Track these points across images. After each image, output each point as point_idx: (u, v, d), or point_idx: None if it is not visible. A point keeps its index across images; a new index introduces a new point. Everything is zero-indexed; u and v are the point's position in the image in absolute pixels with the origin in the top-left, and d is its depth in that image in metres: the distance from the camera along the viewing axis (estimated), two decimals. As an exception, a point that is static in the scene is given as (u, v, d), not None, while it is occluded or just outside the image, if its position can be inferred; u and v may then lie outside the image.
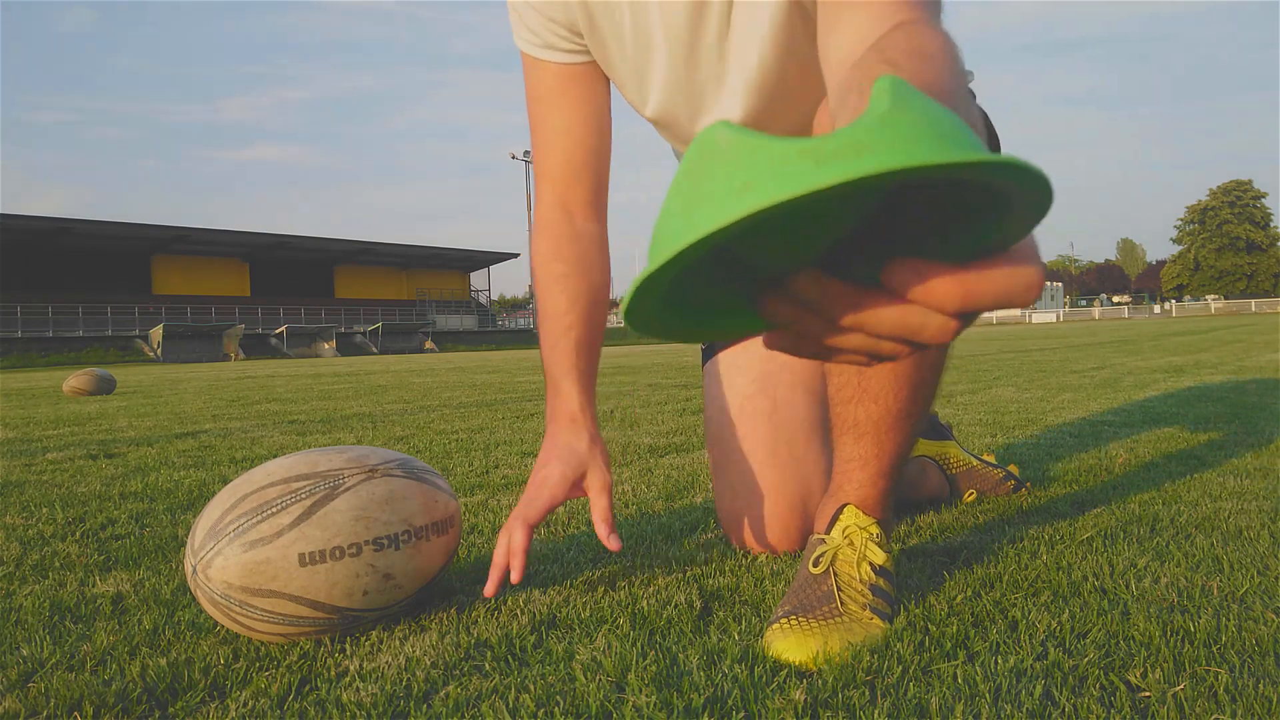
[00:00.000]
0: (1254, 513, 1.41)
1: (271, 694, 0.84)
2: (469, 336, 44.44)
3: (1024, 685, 0.79)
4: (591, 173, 1.20)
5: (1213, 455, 1.99)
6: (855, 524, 0.99)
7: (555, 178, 1.20)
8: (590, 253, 1.21)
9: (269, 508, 0.96)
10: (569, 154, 1.19)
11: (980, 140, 0.36)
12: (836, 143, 0.32)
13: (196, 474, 2.35)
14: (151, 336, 33.08)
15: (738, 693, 0.79)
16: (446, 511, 1.08)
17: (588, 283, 1.19)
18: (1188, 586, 1.05)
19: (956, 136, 0.34)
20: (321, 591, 0.95)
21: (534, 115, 1.20)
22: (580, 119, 1.18)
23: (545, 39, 1.14)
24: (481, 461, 2.40)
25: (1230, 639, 0.88)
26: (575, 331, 1.17)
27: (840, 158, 0.32)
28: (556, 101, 1.17)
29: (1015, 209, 0.36)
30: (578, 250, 1.20)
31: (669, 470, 2.09)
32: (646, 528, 1.48)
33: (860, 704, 0.76)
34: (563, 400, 1.16)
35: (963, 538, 1.33)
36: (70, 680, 0.88)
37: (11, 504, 1.97)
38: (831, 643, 0.87)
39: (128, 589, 1.22)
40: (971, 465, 1.60)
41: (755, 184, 0.32)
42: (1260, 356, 6.07)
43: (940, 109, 0.36)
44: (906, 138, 0.32)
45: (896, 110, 0.34)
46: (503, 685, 0.83)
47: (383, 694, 0.82)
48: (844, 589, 0.95)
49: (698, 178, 0.35)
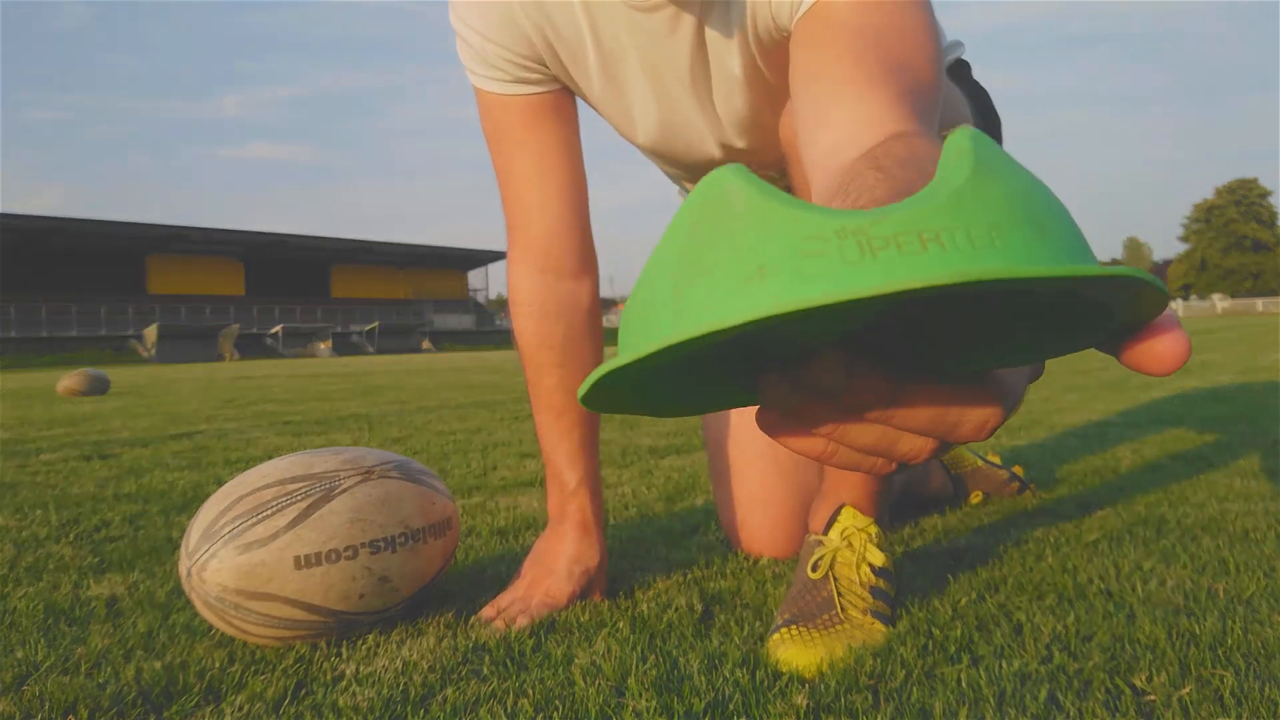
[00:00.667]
0: (1261, 514, 1.41)
1: (267, 698, 0.83)
2: (467, 336, 44.42)
3: (1028, 689, 0.78)
4: (575, 219, 1.06)
5: (1219, 456, 1.98)
6: (853, 525, 0.98)
7: (531, 231, 1.06)
8: (582, 331, 1.09)
9: (264, 510, 0.95)
10: (547, 197, 1.05)
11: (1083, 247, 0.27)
12: (895, 224, 0.24)
13: (191, 475, 2.33)
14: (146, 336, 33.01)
15: (739, 697, 0.78)
16: (444, 513, 1.07)
17: (582, 367, 1.08)
18: (1194, 589, 1.04)
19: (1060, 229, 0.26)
20: (317, 594, 0.94)
21: (500, 155, 1.05)
22: (556, 155, 1.04)
23: (512, 74, 1.00)
24: (479, 463, 2.39)
25: (1236, 642, 0.87)
26: (578, 431, 1.08)
27: (898, 250, 0.24)
28: (526, 136, 1.03)
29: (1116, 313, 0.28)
30: (569, 329, 1.07)
31: (669, 472, 2.08)
32: (647, 530, 1.47)
33: (863, 708, 0.75)
34: (573, 505, 1.10)
35: (967, 540, 1.32)
36: (65, 683, 0.87)
37: (5, 505, 1.95)
38: (834, 652, 0.86)
39: (122, 591, 1.21)
40: (976, 465, 1.60)
41: (773, 270, 0.24)
42: (1267, 356, 6.07)
43: (1033, 180, 0.27)
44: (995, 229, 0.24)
45: (980, 182, 0.26)
46: (501, 689, 0.82)
47: (379, 698, 0.81)
48: (844, 594, 0.94)
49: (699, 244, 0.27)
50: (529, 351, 1.09)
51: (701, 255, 0.26)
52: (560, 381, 1.08)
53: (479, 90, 1.03)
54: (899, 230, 0.24)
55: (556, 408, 1.09)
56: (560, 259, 1.07)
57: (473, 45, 0.99)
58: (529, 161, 1.04)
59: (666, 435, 2.83)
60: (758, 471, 1.26)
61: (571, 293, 1.08)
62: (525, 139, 1.03)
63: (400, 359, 21.03)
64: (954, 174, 0.26)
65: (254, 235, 41.56)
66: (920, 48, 0.66)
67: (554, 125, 1.03)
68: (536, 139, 1.03)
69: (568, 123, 1.04)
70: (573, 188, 1.06)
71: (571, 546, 1.09)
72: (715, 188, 0.27)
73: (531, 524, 1.55)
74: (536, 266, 1.07)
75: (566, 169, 1.05)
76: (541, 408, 1.10)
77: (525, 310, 1.08)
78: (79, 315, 34.40)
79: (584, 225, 1.08)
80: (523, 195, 1.05)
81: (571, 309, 1.08)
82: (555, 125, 1.03)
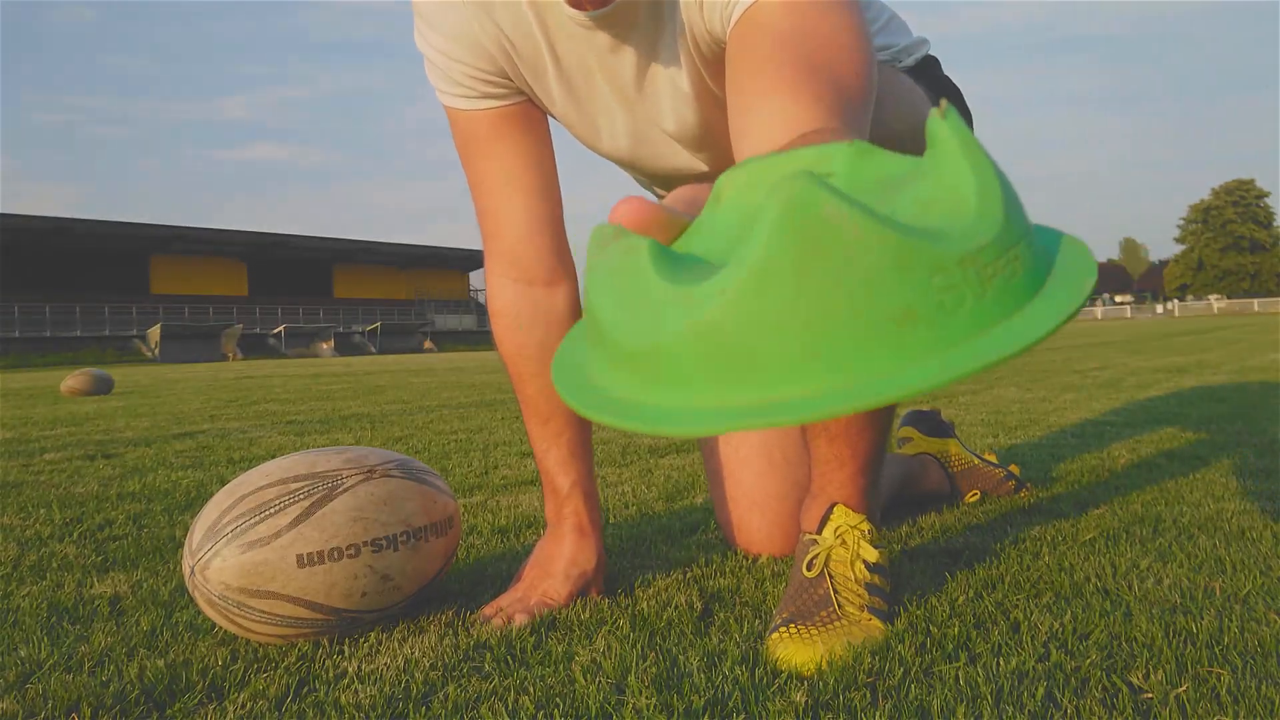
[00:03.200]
0: (1257, 513, 1.41)
1: (270, 695, 0.83)
2: (468, 336, 44.41)
3: (1026, 687, 0.78)
4: (547, 225, 1.07)
5: (1216, 456, 1.98)
6: (846, 522, 0.99)
7: (504, 240, 1.07)
8: (560, 336, 1.08)
9: (267, 509, 0.95)
10: (516, 205, 1.06)
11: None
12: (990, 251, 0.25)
13: (194, 474, 2.34)
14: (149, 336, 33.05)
15: (738, 695, 0.78)
16: (445, 512, 1.08)
17: None
18: (1190, 587, 1.04)
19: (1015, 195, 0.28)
20: (320, 593, 0.95)
21: (471, 168, 1.06)
22: (525, 162, 1.05)
23: (477, 89, 1.02)
24: (480, 462, 2.39)
25: (1233, 640, 0.87)
26: (566, 435, 1.10)
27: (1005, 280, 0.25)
28: (495, 146, 1.04)
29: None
30: (545, 337, 1.08)
31: (669, 471, 2.09)
32: (647, 529, 1.47)
33: (861, 706, 0.76)
34: (568, 509, 1.11)
35: (964, 538, 1.33)
36: (68, 681, 0.88)
37: (9, 505, 1.96)
38: (833, 649, 0.87)
39: (125, 590, 1.22)
40: (972, 464, 1.60)
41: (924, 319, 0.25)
42: (1263, 356, 6.07)
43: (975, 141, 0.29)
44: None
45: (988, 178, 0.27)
46: (502, 687, 0.83)
47: (381, 695, 0.82)
48: (840, 590, 0.95)
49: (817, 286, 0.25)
50: (509, 360, 1.11)
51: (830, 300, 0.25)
52: (540, 390, 1.09)
53: (448, 108, 1.05)
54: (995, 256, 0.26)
55: (542, 414, 1.11)
56: (531, 267, 1.08)
57: (438, 65, 1.01)
58: (497, 171, 1.05)
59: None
60: (753, 471, 1.27)
61: (546, 299, 1.09)
62: (492, 150, 1.04)
63: (402, 359, 21.04)
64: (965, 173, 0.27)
65: (257, 236, 41.59)
66: (843, 48, 0.67)
67: (520, 136, 1.04)
68: (503, 149, 1.04)
69: (535, 133, 1.06)
70: (541, 196, 1.06)
71: (568, 549, 1.10)
72: (811, 211, 0.25)
73: (532, 523, 1.56)
74: (510, 276, 1.08)
75: (535, 177, 1.06)
76: (528, 414, 1.12)
77: (501, 321, 1.10)
78: (83, 315, 34.43)
79: (556, 232, 1.09)
80: (492, 205, 1.06)
81: (546, 316, 1.09)
82: (521, 136, 1.05)
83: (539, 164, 1.06)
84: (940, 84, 1.16)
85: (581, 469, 1.12)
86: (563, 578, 1.08)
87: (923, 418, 1.65)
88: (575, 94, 1.00)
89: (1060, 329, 0.25)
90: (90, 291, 36.09)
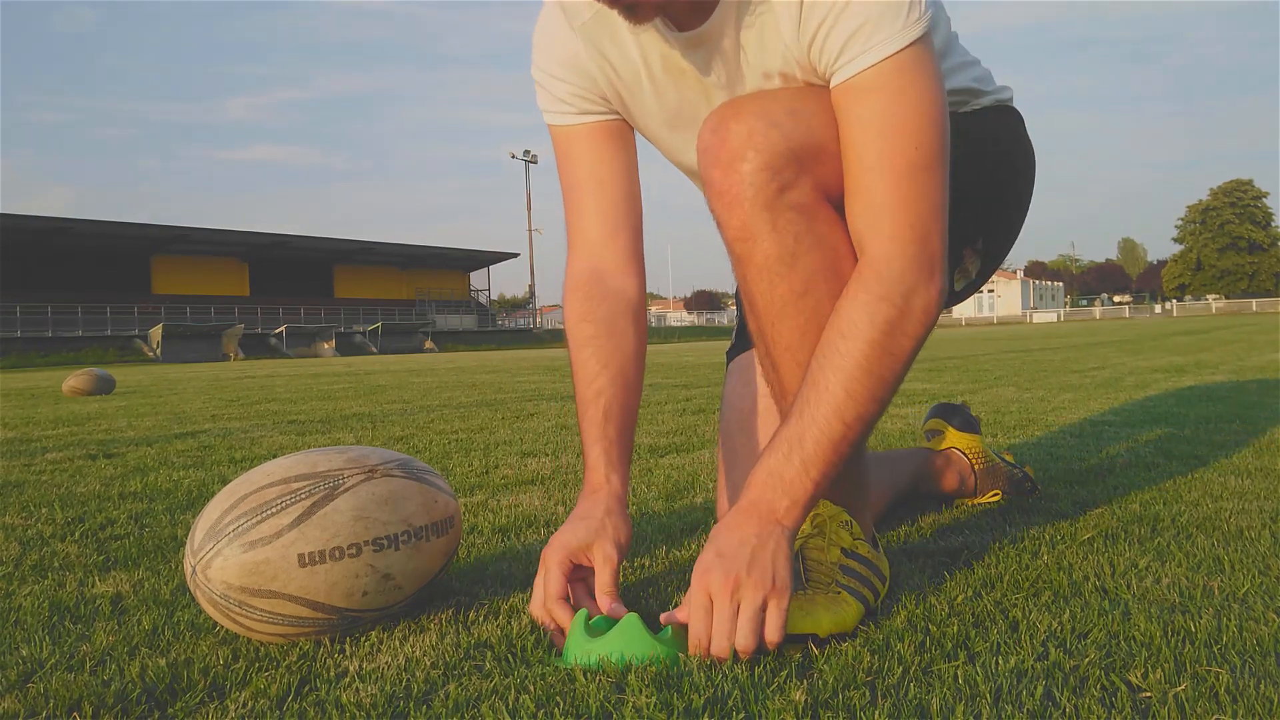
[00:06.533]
0: (1255, 513, 1.41)
1: (271, 694, 0.84)
2: (469, 336, 44.40)
3: (1025, 686, 0.79)
4: (627, 226, 1.19)
5: (1214, 455, 1.99)
6: (825, 514, 1.05)
7: (588, 236, 1.18)
8: (624, 315, 1.17)
9: (268, 508, 0.96)
10: (603, 206, 1.18)
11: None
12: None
13: (196, 474, 2.34)
14: (151, 336, 33.07)
15: (738, 693, 0.78)
16: (446, 512, 1.08)
17: (619, 346, 1.16)
18: (1189, 586, 1.05)
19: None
20: (321, 592, 0.95)
21: (566, 175, 1.20)
22: (613, 170, 1.18)
23: (578, 106, 1.16)
24: (481, 462, 2.40)
25: (1231, 639, 0.88)
26: (605, 397, 1.14)
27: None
28: (589, 155, 1.18)
29: None
30: (609, 311, 1.17)
31: (669, 470, 2.09)
32: (647, 528, 1.48)
33: (861, 704, 0.76)
34: (589, 469, 1.13)
35: (963, 538, 1.33)
36: (69, 680, 0.88)
37: (11, 504, 1.96)
38: (812, 613, 0.92)
39: (127, 589, 1.22)
40: (994, 463, 1.61)
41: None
42: (1261, 356, 6.07)
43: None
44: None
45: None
46: (503, 685, 0.83)
47: (382, 694, 0.82)
48: (812, 571, 1.01)
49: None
50: (571, 324, 1.18)
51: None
52: (595, 350, 1.15)
53: (552, 128, 1.19)
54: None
55: (588, 376, 1.14)
56: (610, 260, 1.18)
57: (547, 88, 1.16)
58: (587, 179, 1.18)
59: (666, 434, 2.84)
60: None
61: (620, 287, 1.19)
62: (585, 156, 1.18)
63: (403, 359, 21.04)
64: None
65: (258, 236, 41.63)
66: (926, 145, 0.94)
67: (611, 147, 1.18)
68: (595, 159, 1.18)
69: (624, 146, 1.20)
70: (625, 198, 1.19)
71: (581, 505, 1.09)
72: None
73: (532, 522, 1.56)
74: (590, 266, 1.19)
75: (620, 183, 1.19)
76: (576, 378, 1.16)
77: (573, 295, 1.19)
78: (84, 315, 34.45)
79: (633, 232, 1.20)
80: (579, 203, 1.19)
81: (618, 297, 1.18)
82: (612, 147, 1.18)
83: (625, 172, 1.19)
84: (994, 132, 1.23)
85: (612, 434, 1.13)
86: (568, 533, 1.05)
87: (954, 410, 1.65)
88: (665, 99, 1.11)
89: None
90: (92, 291, 36.10)
